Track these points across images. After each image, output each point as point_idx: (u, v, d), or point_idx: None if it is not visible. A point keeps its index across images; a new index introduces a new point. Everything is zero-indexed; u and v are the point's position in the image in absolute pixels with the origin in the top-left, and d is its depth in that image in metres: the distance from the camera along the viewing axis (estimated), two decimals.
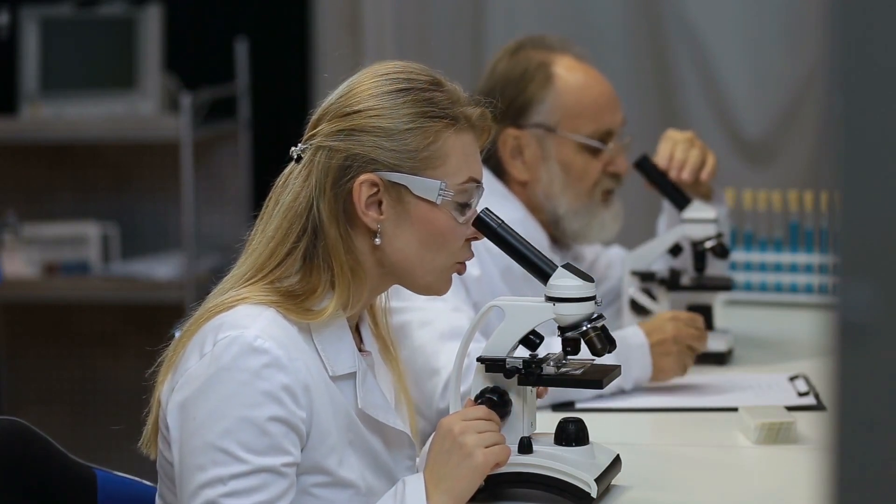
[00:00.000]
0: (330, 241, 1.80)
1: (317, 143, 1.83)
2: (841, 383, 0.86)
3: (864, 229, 0.86)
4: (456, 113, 1.84)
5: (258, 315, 1.76)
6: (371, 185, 1.81)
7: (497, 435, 1.81)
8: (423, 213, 1.82)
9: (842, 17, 0.85)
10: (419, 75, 1.88)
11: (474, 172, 1.86)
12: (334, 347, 1.81)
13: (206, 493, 1.71)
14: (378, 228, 1.82)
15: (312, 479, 1.78)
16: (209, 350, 1.74)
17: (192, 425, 1.73)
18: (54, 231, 4.56)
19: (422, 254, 1.84)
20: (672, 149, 2.78)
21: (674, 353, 2.48)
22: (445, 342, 2.44)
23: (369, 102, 1.83)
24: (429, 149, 1.82)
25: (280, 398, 1.72)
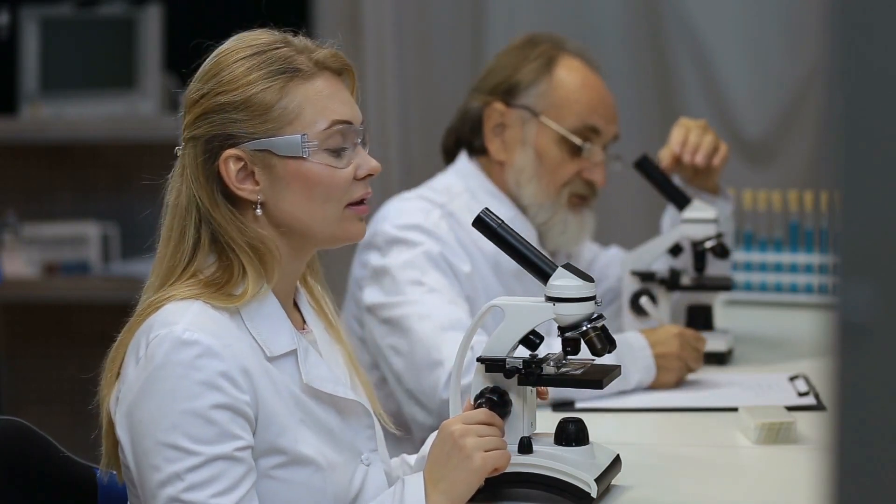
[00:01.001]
0: (220, 226, 1.82)
1: (184, 137, 1.86)
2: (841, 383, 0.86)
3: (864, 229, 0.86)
4: (297, 63, 1.84)
5: (185, 309, 1.77)
6: (236, 159, 1.82)
7: (498, 440, 1.81)
8: (295, 170, 1.82)
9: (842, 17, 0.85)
10: (257, 39, 1.89)
11: (339, 114, 1.85)
12: (268, 328, 1.81)
13: (165, 491, 1.71)
14: (259, 199, 1.82)
15: (269, 461, 1.79)
16: (143, 353, 1.76)
17: (139, 429, 1.74)
18: (54, 231, 4.56)
19: (311, 208, 1.84)
20: (685, 134, 2.78)
21: (674, 369, 2.49)
22: (446, 333, 2.45)
23: (211, 83, 1.85)
24: (278, 106, 1.82)
25: (219, 385, 1.73)
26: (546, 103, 2.69)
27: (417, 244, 2.58)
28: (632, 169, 2.82)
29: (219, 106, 1.83)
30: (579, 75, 2.72)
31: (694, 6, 4.29)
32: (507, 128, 2.70)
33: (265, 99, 1.82)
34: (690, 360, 2.51)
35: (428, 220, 2.62)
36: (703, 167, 2.77)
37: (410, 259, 2.56)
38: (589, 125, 2.69)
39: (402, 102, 4.54)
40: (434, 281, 2.55)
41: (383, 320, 2.56)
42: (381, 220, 2.66)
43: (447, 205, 2.67)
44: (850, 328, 0.85)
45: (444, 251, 2.59)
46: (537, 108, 2.69)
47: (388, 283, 2.57)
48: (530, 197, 2.70)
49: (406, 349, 2.51)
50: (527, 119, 2.69)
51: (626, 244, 3.01)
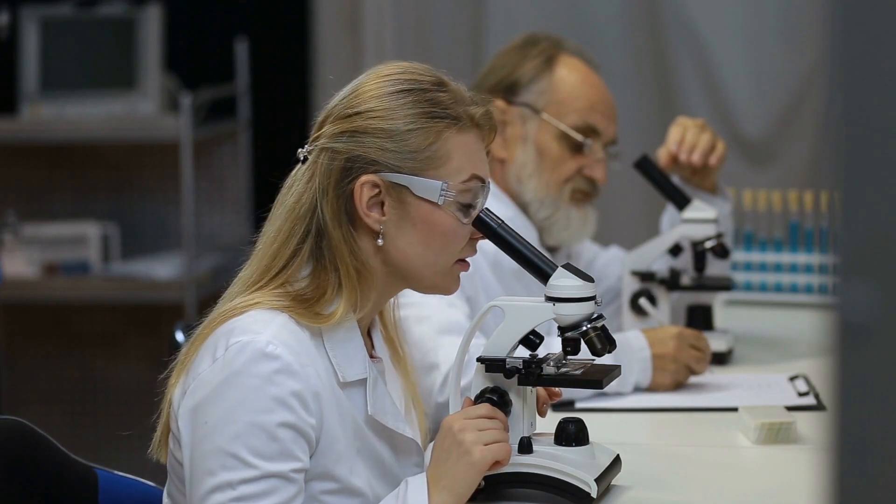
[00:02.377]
0: (334, 243, 1.81)
1: (321, 145, 1.83)
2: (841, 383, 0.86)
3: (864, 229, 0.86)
4: (458, 112, 1.85)
5: (270, 320, 1.76)
6: (373, 186, 1.81)
7: (498, 433, 1.81)
8: (425, 214, 1.82)
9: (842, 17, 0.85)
10: (422, 76, 1.88)
11: (478, 171, 1.86)
12: (345, 353, 1.81)
13: (215, 497, 1.71)
14: (381, 229, 1.82)
15: (321, 485, 1.79)
16: (221, 355, 1.75)
17: (203, 429, 1.74)
18: (54, 231, 4.56)
19: (425, 254, 1.84)
20: (682, 133, 2.78)
21: (670, 370, 2.48)
22: (443, 337, 2.44)
23: (371, 104, 1.83)
24: (430, 149, 1.82)
25: (290, 404, 1.73)
26: (547, 100, 2.69)
27: None
28: (632, 169, 2.82)
29: (373, 129, 1.81)
30: (580, 73, 2.72)
31: (694, 6, 4.29)
32: (508, 125, 2.70)
33: (419, 138, 1.82)
34: (691, 362, 2.50)
35: None
36: (699, 166, 2.77)
37: None
38: (590, 123, 2.70)
39: None
40: None
41: None
42: None
43: None
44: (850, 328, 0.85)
45: None
46: (538, 105, 2.69)
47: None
48: (531, 193, 2.71)
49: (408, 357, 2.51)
50: (527, 116, 2.70)
51: (626, 244, 3.01)
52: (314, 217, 1.82)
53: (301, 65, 4.62)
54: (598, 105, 2.72)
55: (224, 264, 4.28)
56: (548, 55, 2.72)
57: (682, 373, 2.50)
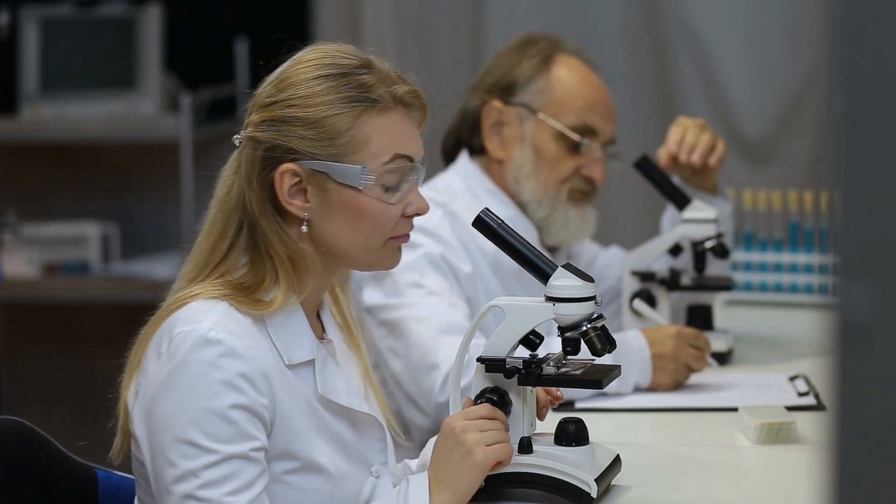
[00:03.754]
0: (264, 232, 1.82)
1: (247, 134, 1.85)
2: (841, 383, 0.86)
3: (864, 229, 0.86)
4: (378, 94, 1.83)
5: (210, 309, 1.77)
6: (293, 174, 1.82)
7: (500, 433, 1.81)
8: (348, 199, 1.83)
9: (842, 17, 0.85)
10: (344, 59, 1.86)
11: (402, 150, 1.85)
12: (289, 336, 1.82)
13: (181, 487, 1.72)
14: (305, 216, 1.82)
15: (282, 465, 1.79)
16: (166, 349, 1.77)
17: (157, 424, 1.75)
18: (54, 231, 4.56)
19: (354, 237, 1.84)
20: (682, 133, 2.78)
21: (669, 370, 2.48)
22: (443, 337, 2.44)
23: (289, 92, 1.83)
24: (348, 134, 1.82)
25: (239, 386, 1.74)
26: (544, 100, 2.69)
27: (418, 246, 2.58)
28: (632, 169, 2.82)
29: (290, 118, 1.82)
30: (578, 73, 2.72)
31: (694, 6, 4.29)
32: (506, 125, 2.70)
33: (337, 124, 1.81)
34: (690, 360, 2.50)
35: (430, 220, 2.61)
36: (699, 166, 2.77)
37: (411, 261, 2.56)
38: (587, 123, 2.69)
39: None
40: (434, 283, 2.54)
41: (382, 322, 2.56)
42: None
43: (449, 204, 2.66)
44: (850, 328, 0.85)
45: (446, 252, 2.59)
46: (535, 105, 2.69)
47: (387, 284, 2.56)
48: (529, 193, 2.70)
49: (403, 352, 2.51)
50: (525, 116, 2.69)
51: (626, 244, 3.01)
52: (244, 207, 1.83)
53: None
54: (595, 105, 2.72)
55: None
56: (545, 55, 2.71)
57: (682, 372, 2.50)
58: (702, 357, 2.52)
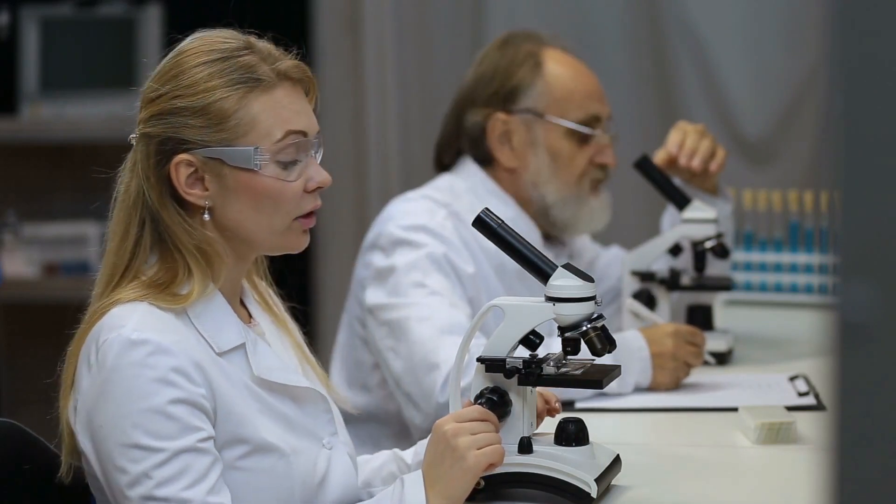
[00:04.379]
0: (168, 227, 1.82)
1: (139, 132, 1.86)
2: (841, 383, 0.86)
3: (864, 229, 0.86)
4: (261, 73, 1.83)
5: (131, 312, 1.77)
6: (187, 164, 1.82)
7: (491, 436, 1.80)
8: (245, 182, 1.82)
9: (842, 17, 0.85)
10: (222, 43, 1.87)
11: (294, 125, 1.84)
12: (214, 324, 1.82)
13: (136, 491, 1.72)
14: (206, 205, 1.82)
15: (233, 451, 1.79)
16: (94, 359, 1.76)
17: (100, 434, 1.75)
18: (54, 231, 4.56)
19: (257, 219, 1.83)
20: (683, 137, 2.78)
21: (669, 368, 2.49)
22: (445, 337, 2.44)
23: (172, 84, 1.84)
24: (235, 117, 1.81)
25: (173, 381, 1.73)
26: (547, 101, 2.69)
27: (422, 246, 2.57)
28: (632, 169, 2.82)
29: (176, 109, 1.82)
30: (568, 65, 2.72)
31: (694, 6, 4.29)
32: (514, 134, 2.69)
33: (223, 108, 1.81)
34: (689, 357, 2.51)
35: (433, 220, 2.61)
36: (699, 172, 2.78)
37: (414, 261, 2.56)
38: (591, 113, 2.70)
39: (402, 102, 4.54)
40: (436, 283, 2.54)
41: (384, 322, 2.55)
42: (385, 221, 2.65)
43: (452, 204, 2.66)
44: (850, 328, 0.85)
45: (449, 252, 2.59)
46: (540, 108, 2.69)
47: (390, 284, 2.56)
48: (553, 195, 2.71)
49: (405, 352, 2.50)
50: (531, 121, 2.69)
51: (626, 244, 3.01)
52: (144, 204, 1.83)
53: None
54: (592, 92, 2.73)
55: None
56: (534, 56, 2.71)
57: (682, 370, 2.50)
58: (699, 353, 2.53)
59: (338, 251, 4.57)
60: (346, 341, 2.71)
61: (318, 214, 1.91)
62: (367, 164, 4.56)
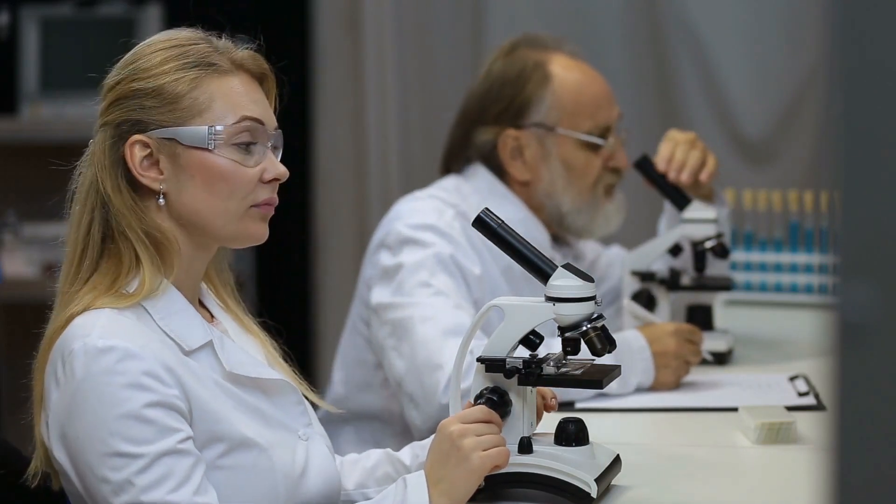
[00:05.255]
0: (118, 211, 1.82)
1: (97, 125, 1.87)
2: (841, 383, 0.86)
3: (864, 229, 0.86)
4: (216, 59, 1.85)
5: (94, 320, 1.76)
6: (143, 146, 1.82)
7: (496, 437, 1.80)
8: (199, 161, 1.82)
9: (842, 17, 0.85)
10: (179, 34, 1.90)
11: (250, 112, 1.85)
12: (180, 324, 1.81)
13: (121, 500, 1.70)
14: (162, 188, 1.82)
15: (213, 450, 1.78)
16: (62, 372, 1.75)
17: (76, 446, 1.73)
18: (54, 231, 4.55)
19: (212, 202, 1.83)
20: (672, 150, 2.78)
21: (672, 367, 2.49)
22: (449, 338, 2.44)
23: (127, 70, 1.86)
24: (189, 96, 1.82)
25: (145, 384, 1.72)
26: (557, 115, 2.69)
27: (429, 245, 2.57)
28: (632, 169, 2.82)
29: (131, 92, 1.84)
30: (577, 74, 2.71)
31: (694, 6, 4.29)
32: (525, 148, 2.69)
33: (176, 88, 1.82)
34: (689, 356, 2.51)
35: (441, 220, 2.61)
36: (689, 185, 2.78)
37: (420, 260, 2.55)
38: (601, 122, 2.71)
39: (402, 102, 4.54)
40: (442, 283, 2.53)
41: (387, 321, 2.55)
42: (393, 220, 2.65)
43: (460, 205, 2.66)
44: (850, 328, 0.85)
45: (456, 253, 2.58)
46: (551, 122, 2.69)
47: (395, 283, 2.56)
48: (568, 204, 2.71)
49: (408, 351, 2.50)
50: (543, 135, 2.69)
51: (626, 244, 3.01)
52: (96, 190, 1.84)
53: (301, 65, 4.62)
54: (600, 98, 2.72)
55: None
56: (539, 68, 2.69)
57: (683, 368, 2.51)
58: (699, 351, 2.53)
59: (338, 251, 4.57)
60: (350, 341, 2.71)
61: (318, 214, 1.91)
62: (367, 164, 4.56)
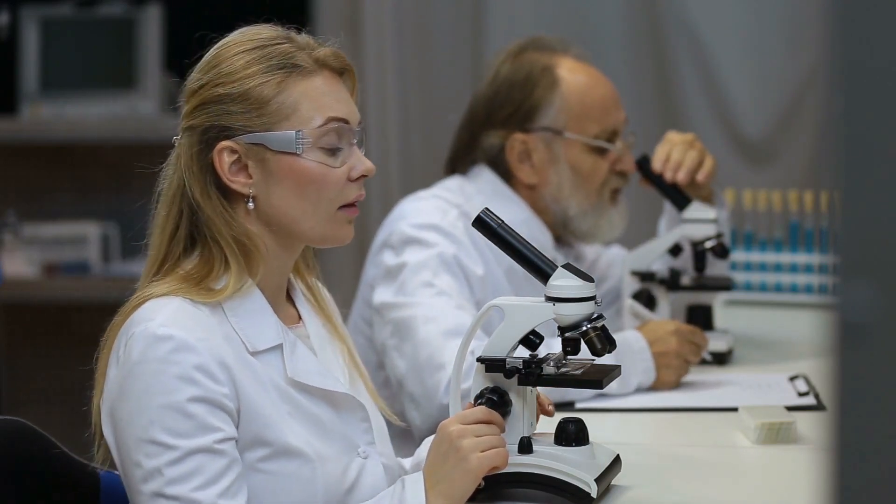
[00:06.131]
0: (208, 218, 1.82)
1: (182, 127, 1.86)
2: (841, 383, 0.86)
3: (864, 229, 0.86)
4: (299, 59, 1.85)
5: (163, 306, 1.78)
6: (231, 151, 1.82)
7: (495, 438, 1.80)
8: (288, 166, 1.83)
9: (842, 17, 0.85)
10: (261, 33, 1.89)
11: (335, 112, 1.85)
12: (252, 323, 1.82)
13: (148, 486, 1.72)
14: (250, 192, 1.83)
15: (255, 453, 1.78)
16: (122, 352, 1.77)
17: (120, 426, 1.75)
18: (54, 231, 4.56)
19: (302, 205, 1.84)
20: (669, 150, 2.78)
21: (674, 366, 2.49)
22: (451, 339, 2.44)
23: (212, 73, 1.85)
24: (275, 101, 1.82)
25: (195, 378, 1.73)
26: (565, 119, 2.69)
27: (432, 245, 2.57)
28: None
29: (217, 97, 1.83)
30: (584, 78, 2.71)
31: (694, 6, 4.29)
32: (533, 152, 2.69)
33: (263, 93, 1.82)
34: (689, 355, 2.51)
35: (445, 219, 2.61)
36: (686, 185, 2.78)
37: (424, 260, 2.55)
38: (609, 126, 2.71)
39: (402, 102, 4.54)
40: (444, 284, 2.53)
41: (390, 320, 2.55)
42: (397, 219, 2.64)
43: (463, 205, 2.66)
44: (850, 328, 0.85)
45: (459, 253, 2.58)
46: (558, 126, 2.69)
47: (398, 282, 2.56)
48: (575, 208, 2.71)
49: (409, 352, 2.50)
50: (550, 139, 2.69)
51: (627, 244, 3.01)
52: (184, 197, 1.84)
53: None
54: (607, 102, 2.72)
55: None
56: (547, 72, 2.69)
57: (684, 367, 2.51)
58: (698, 350, 2.54)
59: (337, 251, 4.57)
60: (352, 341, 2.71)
61: None
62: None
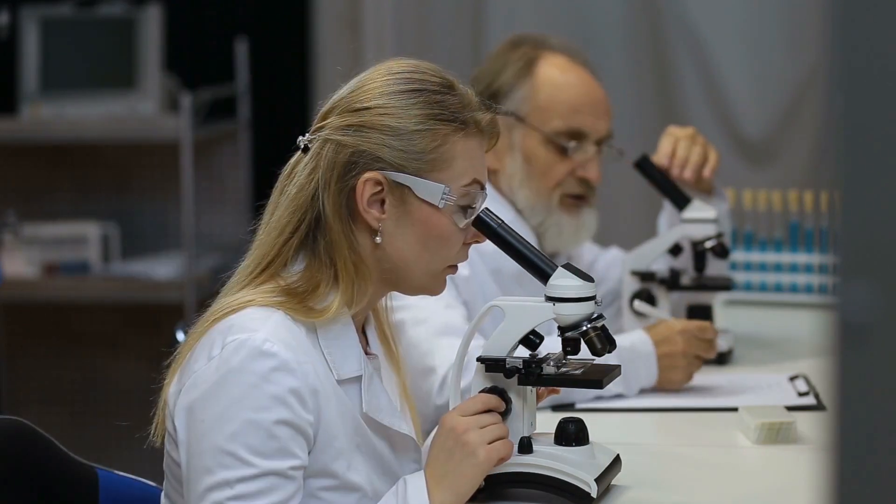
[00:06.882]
0: (333, 236, 1.80)
1: (325, 136, 1.83)
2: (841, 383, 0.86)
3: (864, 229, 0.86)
4: (465, 117, 1.84)
5: (267, 318, 1.76)
6: (375, 183, 1.80)
7: (499, 428, 1.81)
8: (425, 216, 1.82)
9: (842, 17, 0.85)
10: (432, 76, 1.87)
11: (479, 175, 1.86)
12: (340, 350, 1.81)
13: (213, 495, 1.71)
14: (379, 227, 1.81)
15: (319, 482, 1.78)
16: (217, 353, 1.74)
17: (200, 428, 1.73)
18: (54, 231, 4.56)
19: (420, 255, 1.83)
20: (674, 146, 2.76)
21: (681, 366, 2.47)
22: (440, 339, 2.43)
23: (380, 100, 1.83)
24: (436, 151, 1.82)
25: (288, 402, 1.72)
26: (529, 107, 2.67)
27: None
28: (632, 169, 2.81)
29: (381, 126, 1.81)
30: (562, 75, 2.69)
31: (694, 6, 4.29)
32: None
33: (426, 139, 1.81)
34: (700, 351, 2.49)
35: None
36: (692, 181, 2.77)
37: None
38: (574, 127, 2.66)
39: None
40: None
41: None
42: None
43: None
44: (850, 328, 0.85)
45: None
46: (521, 113, 2.67)
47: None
48: (524, 200, 2.69)
49: (401, 354, 2.49)
50: (512, 125, 2.66)
51: (626, 244, 3.01)
52: (314, 208, 1.81)
53: (301, 65, 4.62)
54: (582, 105, 2.68)
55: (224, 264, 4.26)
56: (528, 59, 2.68)
57: (695, 364, 2.49)
58: (710, 346, 2.51)
59: None
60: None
61: None
62: None
